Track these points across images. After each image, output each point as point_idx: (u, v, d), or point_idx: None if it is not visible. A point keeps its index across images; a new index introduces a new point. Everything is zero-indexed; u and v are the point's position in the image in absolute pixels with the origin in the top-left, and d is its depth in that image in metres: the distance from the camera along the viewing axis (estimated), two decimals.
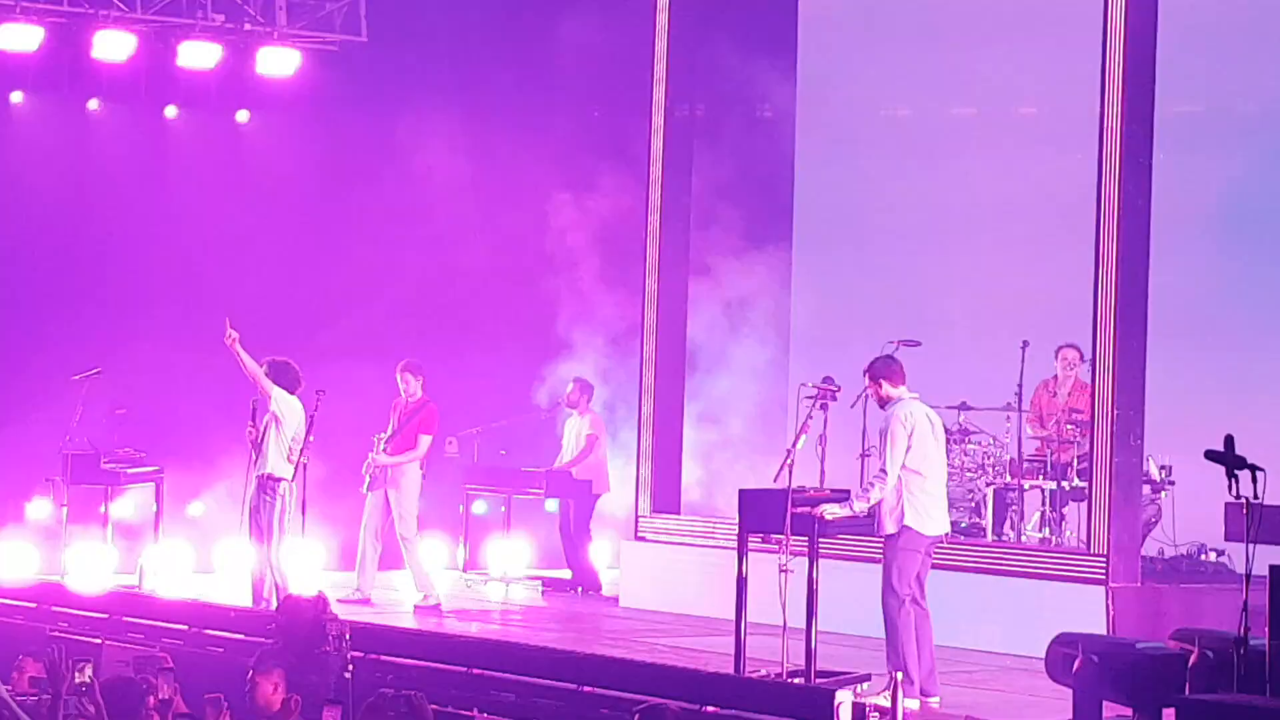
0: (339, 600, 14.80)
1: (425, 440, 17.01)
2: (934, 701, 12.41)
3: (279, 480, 15.21)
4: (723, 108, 18.83)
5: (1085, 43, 14.83)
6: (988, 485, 16.18)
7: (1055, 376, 16.40)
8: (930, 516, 12.52)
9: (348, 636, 11.18)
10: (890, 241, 18.93)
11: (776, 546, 12.37)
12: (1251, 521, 9.37)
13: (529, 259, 19.67)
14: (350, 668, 10.82)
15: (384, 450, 16.89)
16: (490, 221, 19.83)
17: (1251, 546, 9.34)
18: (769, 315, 18.68)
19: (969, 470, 16.35)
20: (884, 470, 12.50)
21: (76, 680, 9.75)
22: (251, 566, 15.49)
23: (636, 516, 17.44)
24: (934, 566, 12.92)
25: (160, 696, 10.00)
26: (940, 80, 18.67)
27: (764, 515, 12.49)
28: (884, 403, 12.74)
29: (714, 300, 18.16)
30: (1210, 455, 9.61)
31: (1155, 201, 14.45)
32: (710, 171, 18.04)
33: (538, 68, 19.81)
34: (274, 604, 14.83)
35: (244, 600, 15.57)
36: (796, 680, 12.17)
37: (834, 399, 14.19)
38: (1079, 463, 15.47)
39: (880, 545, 12.65)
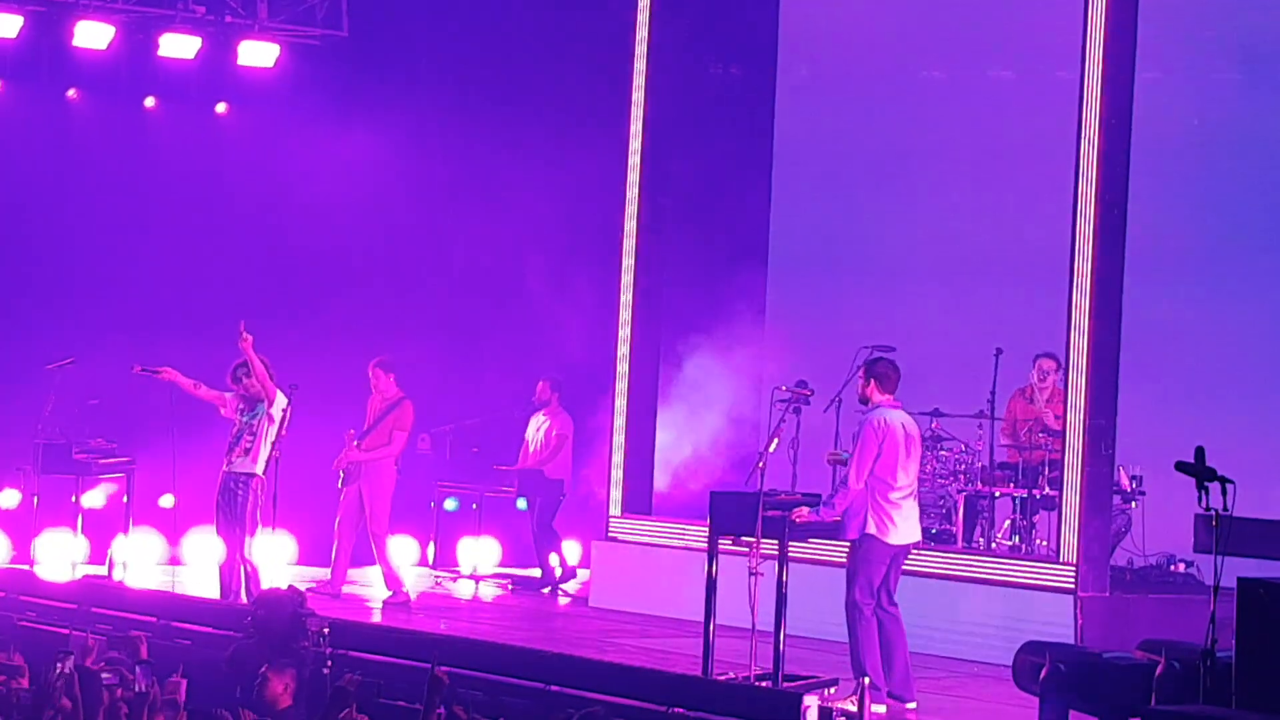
0: (307, 592, 14.78)
1: (400, 437, 17.01)
2: (910, 707, 12.43)
3: (255, 476, 15.22)
4: (702, 110, 18.79)
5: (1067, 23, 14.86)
6: (959, 492, 16.20)
7: (1032, 384, 16.41)
8: (894, 526, 12.51)
9: (326, 631, 11.15)
10: (864, 248, 18.92)
11: (747, 549, 12.38)
12: (1220, 534, 9.39)
13: (505, 255, 19.66)
14: (329, 663, 10.79)
15: (358, 445, 16.89)
16: (467, 217, 19.81)
17: (1220, 558, 9.36)
18: (743, 319, 18.65)
19: (941, 476, 16.37)
20: (848, 477, 12.50)
21: (57, 672, 9.71)
22: (220, 560, 15.48)
23: (608, 516, 17.44)
24: (904, 573, 12.94)
25: (138, 689, 9.93)
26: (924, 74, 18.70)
27: (735, 518, 12.47)
28: (865, 401, 12.76)
29: (688, 302, 18.11)
30: (1181, 466, 9.62)
31: (1131, 206, 14.49)
32: (687, 182, 18.03)
33: (518, 63, 19.80)
34: (244, 597, 14.85)
35: (213, 592, 15.57)
36: (764, 683, 12.18)
37: (807, 403, 14.22)
38: (1050, 470, 15.49)
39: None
